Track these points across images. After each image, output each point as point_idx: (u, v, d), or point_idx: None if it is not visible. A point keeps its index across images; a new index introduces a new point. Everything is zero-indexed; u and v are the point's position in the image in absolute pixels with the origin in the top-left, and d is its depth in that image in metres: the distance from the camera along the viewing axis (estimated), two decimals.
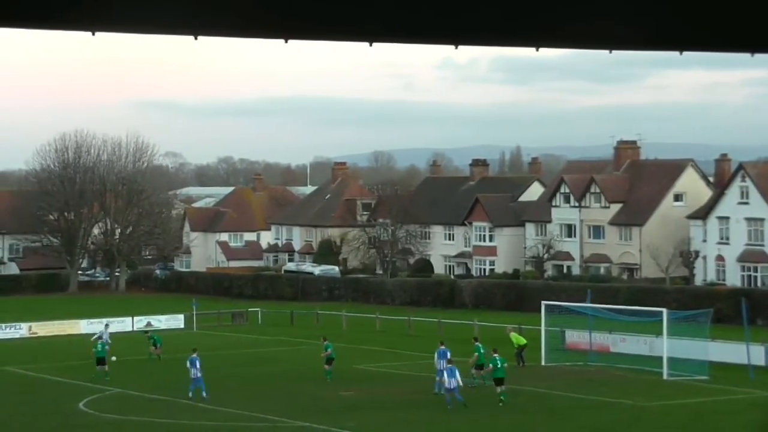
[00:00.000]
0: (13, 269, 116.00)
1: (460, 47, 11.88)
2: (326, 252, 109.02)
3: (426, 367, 48.60)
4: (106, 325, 62.08)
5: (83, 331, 71.41)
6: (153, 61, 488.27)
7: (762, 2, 11.67)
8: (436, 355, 45.21)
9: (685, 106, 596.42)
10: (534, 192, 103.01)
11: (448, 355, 44.35)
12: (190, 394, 43.24)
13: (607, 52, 12.32)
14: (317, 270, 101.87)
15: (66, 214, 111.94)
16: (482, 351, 46.18)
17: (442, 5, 11.17)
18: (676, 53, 12.54)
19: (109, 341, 53.82)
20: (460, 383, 41.14)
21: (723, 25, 11.89)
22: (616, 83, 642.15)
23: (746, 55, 12.40)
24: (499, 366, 42.53)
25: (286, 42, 11.52)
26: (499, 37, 11.94)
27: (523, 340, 53.14)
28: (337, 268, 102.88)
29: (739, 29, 11.93)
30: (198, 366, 43.87)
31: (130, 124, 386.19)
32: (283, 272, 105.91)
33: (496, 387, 41.99)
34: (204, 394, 43.18)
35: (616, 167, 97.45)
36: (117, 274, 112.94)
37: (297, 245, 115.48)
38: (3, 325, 72.47)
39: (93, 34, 11.24)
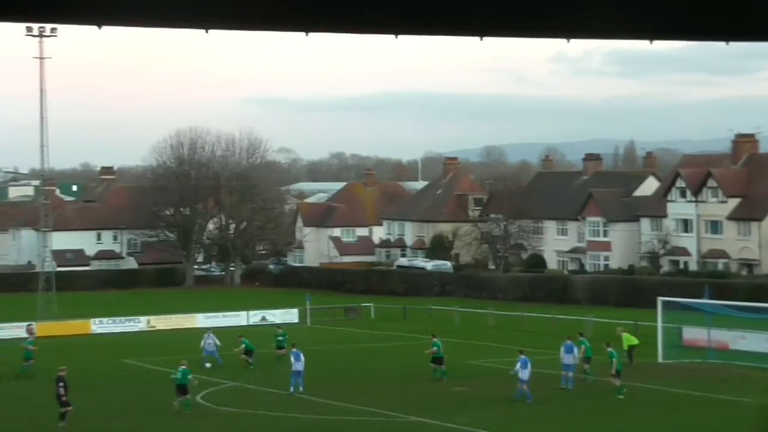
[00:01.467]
0: (131, 264, 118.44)
1: (572, 41, 11.81)
2: (438, 247, 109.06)
3: (539, 363, 48.27)
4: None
5: (199, 325, 72.66)
6: (266, 58, 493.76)
7: None
8: (562, 350, 45.18)
9: None
10: (649, 187, 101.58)
11: (575, 350, 44.45)
12: (291, 389, 43.67)
13: (723, 44, 12.12)
14: (429, 265, 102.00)
15: (181, 209, 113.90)
16: (588, 344, 46.43)
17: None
18: None
19: (218, 342, 53.63)
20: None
21: None
22: (733, 75, 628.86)
23: None
24: (615, 359, 42.66)
25: (397, 37, 11.58)
26: (612, 31, 11.82)
27: (635, 341, 52.10)
28: (449, 264, 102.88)
29: None
30: (302, 359, 44.28)
31: (243, 121, 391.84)
32: (395, 267, 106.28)
33: (615, 380, 41.88)
34: (300, 388, 43.60)
35: (734, 161, 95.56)
36: (232, 268, 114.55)
37: (409, 240, 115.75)
38: (122, 318, 74.14)
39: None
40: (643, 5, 11.18)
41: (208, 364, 50.62)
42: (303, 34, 11.49)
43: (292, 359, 44.58)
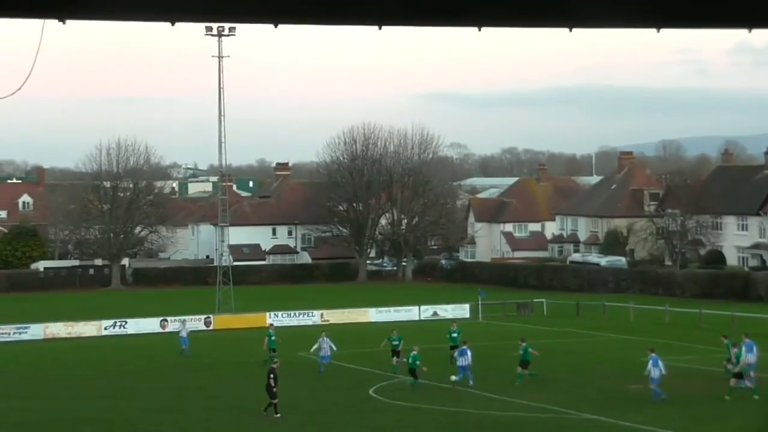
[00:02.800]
0: (305, 258, 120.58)
1: (754, 30, 11.55)
2: (613, 243, 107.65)
3: (718, 362, 47.22)
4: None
5: (372, 320, 73.57)
6: (440, 53, 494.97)
7: None
8: (743, 349, 44.11)
9: None
10: None
11: (754, 348, 43.37)
12: (453, 378, 44.00)
13: None
14: (603, 261, 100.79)
15: (354, 204, 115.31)
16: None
17: None
18: None
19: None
20: (663, 372, 40.85)
21: None
22: None
23: None
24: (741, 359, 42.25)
25: (571, 31, 11.53)
26: None
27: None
28: (623, 259, 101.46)
29: None
30: (468, 355, 44.47)
31: (415, 116, 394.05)
32: (568, 263, 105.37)
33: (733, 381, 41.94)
34: (471, 382, 43.77)
35: None
36: (404, 263, 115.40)
37: (582, 236, 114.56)
38: (297, 312, 75.54)
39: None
40: None
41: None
42: (476, 28, 11.53)
43: (456, 354, 45.12)
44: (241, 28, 78.80)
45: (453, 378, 44.40)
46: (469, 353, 44.93)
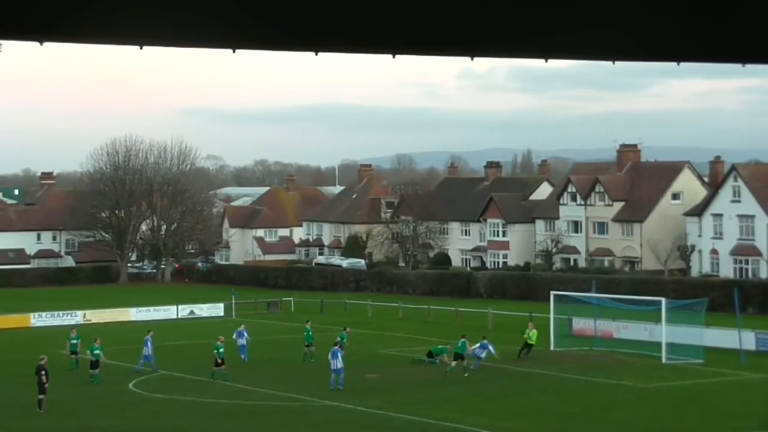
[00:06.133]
0: (69, 262, 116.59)
1: (476, 59, 11.89)
2: (353, 246, 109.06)
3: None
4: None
5: (133, 318, 71.82)
6: (196, 73, 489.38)
7: (750, 16, 11.62)
8: (478, 345, 46.12)
9: (684, 112, 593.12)
10: (543, 191, 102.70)
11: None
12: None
13: (610, 63, 12.30)
14: (345, 263, 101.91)
15: (117, 212, 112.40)
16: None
17: (457, 21, 11.18)
18: (675, 63, 12.51)
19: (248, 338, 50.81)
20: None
21: (716, 38, 11.84)
22: (621, 91, 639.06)
23: (739, 65, 12.36)
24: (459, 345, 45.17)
25: (317, 54, 11.56)
26: (510, 49, 11.93)
27: (533, 340, 49.84)
28: (363, 262, 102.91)
29: (732, 41, 11.88)
30: (340, 357, 41.90)
31: (174, 130, 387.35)
32: (313, 265, 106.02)
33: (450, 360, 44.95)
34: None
35: (619, 168, 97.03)
36: (163, 266, 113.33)
37: (326, 240, 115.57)
38: (60, 312, 72.86)
39: (141, 48, 11.26)
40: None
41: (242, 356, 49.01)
42: (230, 50, 11.40)
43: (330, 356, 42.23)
44: (6, 43, 74.89)
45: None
46: (340, 355, 41.60)
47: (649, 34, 11.64)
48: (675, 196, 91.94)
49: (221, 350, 44.26)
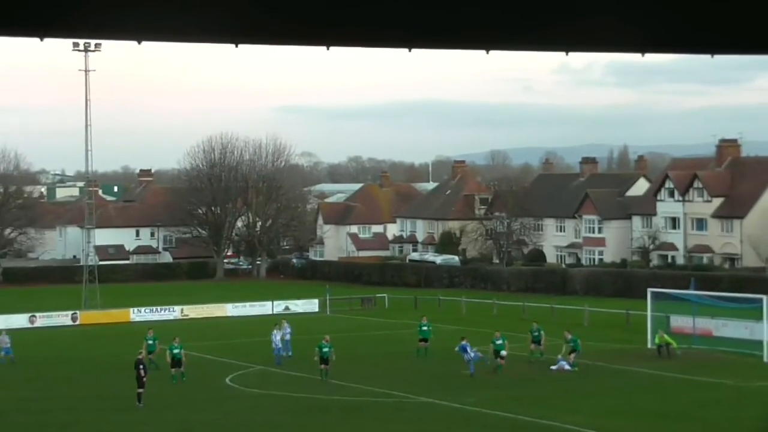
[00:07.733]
0: (167, 258, 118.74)
1: (571, 54, 11.84)
2: (447, 243, 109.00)
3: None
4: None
5: (229, 314, 72.90)
6: (292, 70, 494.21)
7: None
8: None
9: None
10: (640, 187, 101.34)
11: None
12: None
13: (709, 56, 12.12)
14: (439, 259, 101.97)
15: (213, 208, 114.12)
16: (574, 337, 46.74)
17: (554, 16, 11.14)
18: None
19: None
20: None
21: None
22: (720, 85, 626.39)
23: None
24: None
25: (410, 51, 11.61)
26: (606, 44, 11.85)
27: (669, 339, 49.33)
28: (456, 258, 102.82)
29: None
30: (468, 349, 43.48)
31: (269, 128, 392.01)
32: (407, 261, 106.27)
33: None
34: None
35: (718, 164, 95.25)
36: (258, 262, 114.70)
37: (420, 236, 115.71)
38: (159, 307, 74.30)
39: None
40: (635, 19, 11.21)
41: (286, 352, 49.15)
42: (324, 48, 11.48)
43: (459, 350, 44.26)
44: (106, 44, 75.69)
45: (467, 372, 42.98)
46: (469, 347, 43.42)
47: (746, 27, 11.44)
48: None
49: (325, 350, 43.85)
